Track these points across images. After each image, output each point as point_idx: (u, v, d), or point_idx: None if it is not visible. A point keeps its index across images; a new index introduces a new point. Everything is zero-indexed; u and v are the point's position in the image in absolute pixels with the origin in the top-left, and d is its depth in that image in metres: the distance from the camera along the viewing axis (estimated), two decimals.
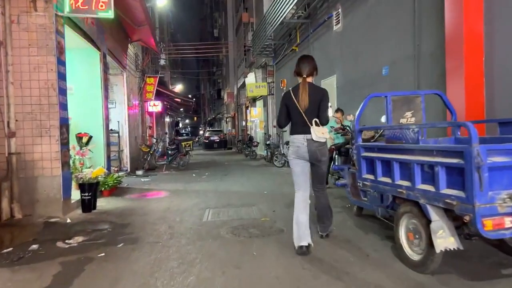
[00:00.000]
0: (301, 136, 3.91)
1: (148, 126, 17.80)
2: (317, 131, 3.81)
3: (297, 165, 3.98)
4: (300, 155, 3.93)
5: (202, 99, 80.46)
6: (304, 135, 3.89)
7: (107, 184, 7.80)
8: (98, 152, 8.87)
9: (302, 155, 3.92)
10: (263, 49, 15.22)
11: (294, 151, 3.97)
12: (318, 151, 3.88)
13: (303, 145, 3.88)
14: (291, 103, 3.94)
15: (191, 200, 7.10)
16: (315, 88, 4.04)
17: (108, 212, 6.26)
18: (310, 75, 4.04)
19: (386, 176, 3.47)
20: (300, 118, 3.88)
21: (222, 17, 37.10)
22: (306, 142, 3.87)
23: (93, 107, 8.87)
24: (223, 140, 29.95)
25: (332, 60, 9.60)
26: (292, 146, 3.99)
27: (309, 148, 3.86)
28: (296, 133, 3.97)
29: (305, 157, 3.92)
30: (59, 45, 5.95)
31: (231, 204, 6.54)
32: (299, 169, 3.98)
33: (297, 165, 3.98)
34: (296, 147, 3.93)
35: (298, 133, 3.94)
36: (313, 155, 3.89)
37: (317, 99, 3.92)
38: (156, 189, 8.78)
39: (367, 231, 4.51)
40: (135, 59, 14.73)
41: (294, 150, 3.96)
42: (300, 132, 3.92)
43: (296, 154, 3.95)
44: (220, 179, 10.24)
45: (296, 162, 3.98)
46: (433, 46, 5.64)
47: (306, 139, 3.87)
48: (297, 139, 3.93)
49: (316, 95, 3.94)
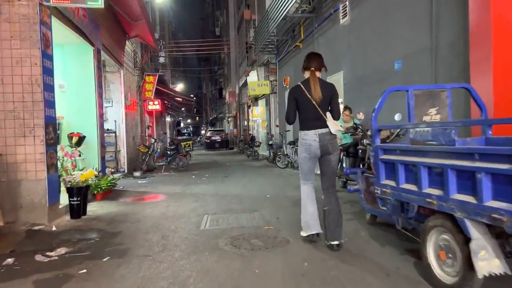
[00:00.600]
0: (312, 132, 3.80)
1: (148, 125, 17.33)
2: (333, 123, 3.77)
3: (306, 161, 3.93)
4: (312, 153, 3.85)
5: (204, 99, 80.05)
6: (315, 130, 3.78)
7: (100, 187, 7.33)
8: (92, 153, 8.42)
9: (314, 152, 3.84)
10: (265, 46, 14.73)
11: (306, 149, 3.86)
12: (330, 144, 3.81)
13: (315, 142, 3.78)
14: (302, 97, 3.82)
15: (189, 204, 6.61)
16: (325, 83, 4.02)
17: (99, 218, 5.79)
18: (319, 69, 4.00)
19: (410, 183, 2.97)
20: (312, 111, 3.77)
21: (224, 15, 36.62)
22: (318, 137, 3.78)
23: (86, 105, 8.41)
24: (225, 140, 29.48)
25: (338, 55, 9.10)
26: (304, 143, 3.86)
27: (321, 144, 3.78)
28: (307, 128, 3.84)
29: (317, 154, 3.85)
30: (44, 37, 5.47)
31: (232, 210, 6.05)
32: (310, 164, 3.95)
33: (307, 162, 3.93)
34: (308, 145, 3.82)
35: (309, 129, 3.82)
36: (324, 149, 3.81)
37: (328, 94, 3.86)
38: (153, 192, 8.30)
39: (384, 243, 4.01)
40: (133, 56, 14.27)
41: (306, 148, 3.85)
42: (311, 127, 3.80)
43: (308, 152, 3.85)
44: (221, 181, 9.76)
45: (306, 160, 3.92)
46: (453, 36, 5.13)
47: (317, 134, 3.78)
48: (309, 135, 3.82)
49: (327, 89, 3.90)
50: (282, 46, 14.14)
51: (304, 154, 3.88)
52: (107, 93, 11.77)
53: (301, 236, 4.09)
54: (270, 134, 16.42)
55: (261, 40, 14.28)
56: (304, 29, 11.35)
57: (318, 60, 4.03)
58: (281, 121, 15.30)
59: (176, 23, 46.69)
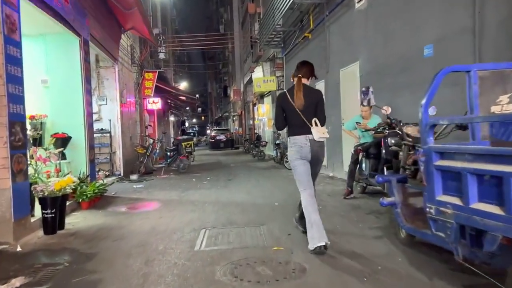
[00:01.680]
0: (302, 137, 3.88)
1: (147, 125, 16.46)
2: (318, 131, 3.83)
3: (300, 165, 3.93)
4: (303, 155, 3.89)
5: (209, 98, 79.33)
6: (305, 135, 3.87)
7: (86, 194, 6.46)
8: (79, 156, 7.57)
9: (305, 155, 3.89)
10: (270, 39, 13.78)
11: (297, 151, 3.91)
12: (320, 151, 3.95)
13: (306, 145, 3.87)
14: (288, 104, 3.92)
15: (185, 215, 5.71)
16: (311, 89, 4.11)
17: (78, 233, 4.91)
18: (306, 77, 4.07)
19: (490, 203, 2.03)
20: (298, 118, 3.87)
21: (228, 12, 35.71)
22: (309, 142, 3.86)
23: (72, 102, 7.56)
24: (230, 140, 28.61)
25: (353, 44, 8.14)
26: (294, 146, 3.92)
27: (312, 148, 3.87)
28: (296, 134, 3.93)
29: (307, 157, 3.91)
30: (8, 20, 4.58)
31: (234, 222, 5.13)
32: (303, 168, 3.93)
33: (300, 165, 3.93)
34: (299, 147, 3.89)
35: (299, 134, 3.90)
36: (315, 155, 3.91)
37: (314, 100, 3.94)
38: (147, 199, 7.41)
39: (431, 274, 3.05)
40: (130, 51, 13.40)
41: (297, 150, 3.90)
42: (300, 133, 3.90)
43: (299, 154, 3.90)
44: (224, 185, 8.84)
45: (299, 162, 3.92)
46: (504, 12, 4.17)
47: (308, 139, 3.86)
48: (299, 139, 3.89)
49: (312, 95, 3.98)
50: (289, 39, 13.18)
51: (295, 156, 3.92)
52: (101, 90, 10.93)
53: (308, 249, 3.71)
54: (277, 133, 15.46)
55: (267, 32, 13.34)
56: (313, 18, 10.39)
57: (307, 68, 4.13)
58: None
59: (180, 21, 45.90)
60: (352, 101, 8.28)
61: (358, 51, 7.92)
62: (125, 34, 12.29)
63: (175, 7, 40.45)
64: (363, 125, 6.42)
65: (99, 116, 10.93)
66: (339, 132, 8.93)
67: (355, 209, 5.60)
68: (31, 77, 7.51)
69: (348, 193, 6.41)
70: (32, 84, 7.49)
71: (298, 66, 4.16)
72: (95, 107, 10.88)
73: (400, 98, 6.22)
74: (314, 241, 3.65)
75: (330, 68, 9.49)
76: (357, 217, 5.09)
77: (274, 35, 13.49)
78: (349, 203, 6.03)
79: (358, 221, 4.86)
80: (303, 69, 4.08)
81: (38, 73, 7.50)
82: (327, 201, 6.34)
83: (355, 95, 8.03)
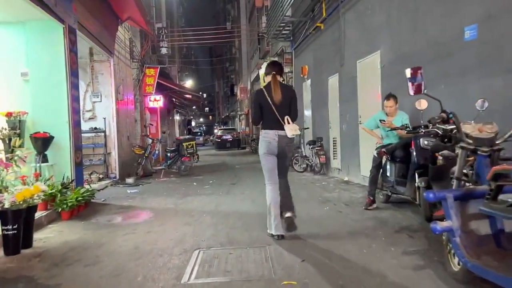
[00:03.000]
0: (273, 132, 4.14)
1: (149, 124, 15.63)
2: (290, 129, 4.09)
3: (268, 161, 4.21)
4: (270, 150, 4.18)
5: (216, 97, 78.71)
6: (275, 130, 4.13)
7: (67, 203, 5.61)
8: (63, 158, 6.72)
9: (272, 150, 4.18)
10: (279, 31, 12.84)
11: (265, 146, 4.18)
12: (287, 147, 4.22)
13: (274, 141, 4.14)
14: (264, 100, 4.16)
15: (178, 229, 4.82)
16: (286, 86, 4.41)
17: (46, 253, 4.05)
18: (280, 74, 4.34)
19: None
20: (272, 114, 4.12)
21: (235, 8, 34.89)
22: (277, 137, 4.13)
23: (56, 98, 6.71)
24: (236, 139, 27.76)
25: (373, 32, 7.18)
26: (264, 141, 4.19)
27: (279, 144, 4.15)
28: (267, 128, 4.18)
29: (274, 152, 4.19)
30: None
31: (234, 240, 4.22)
32: (271, 164, 4.21)
33: (269, 161, 4.21)
34: (268, 142, 4.16)
35: (271, 129, 4.16)
36: (282, 151, 4.20)
37: (288, 96, 4.22)
38: (139, 207, 6.54)
39: None
40: (129, 45, 12.57)
41: (266, 146, 4.17)
42: (272, 127, 4.15)
43: (267, 149, 4.18)
44: (226, 190, 7.94)
45: (267, 158, 4.21)
46: None
47: (277, 135, 4.13)
48: (270, 134, 4.16)
49: (287, 92, 4.25)
50: (299, 31, 12.24)
51: (263, 151, 4.20)
52: (95, 85, 10.12)
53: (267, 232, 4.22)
54: None
55: (275, 24, 12.40)
56: (326, 5, 9.43)
57: (279, 67, 4.43)
58: (298, 117, 13.40)
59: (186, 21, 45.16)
60: (371, 96, 7.32)
61: (379, 39, 6.96)
62: (123, 26, 11.47)
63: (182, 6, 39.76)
64: (388, 123, 5.47)
65: (93, 114, 10.12)
66: (356, 131, 7.97)
67: (381, 224, 4.65)
68: (9, 69, 6.73)
69: (370, 202, 5.47)
70: (11, 77, 6.71)
71: (270, 65, 4.43)
72: (88, 104, 10.11)
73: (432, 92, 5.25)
74: (271, 229, 4.17)
75: (345, 60, 8.53)
76: (386, 236, 4.15)
77: (283, 27, 12.55)
78: (372, 216, 5.08)
79: (388, 242, 3.91)
80: (275, 68, 4.35)
81: (17, 65, 6.68)
82: (346, 212, 5.40)
83: (375, 88, 7.08)
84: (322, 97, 10.28)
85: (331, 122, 9.70)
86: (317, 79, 10.76)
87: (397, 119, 5.56)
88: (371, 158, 5.91)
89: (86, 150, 9.92)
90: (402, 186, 5.16)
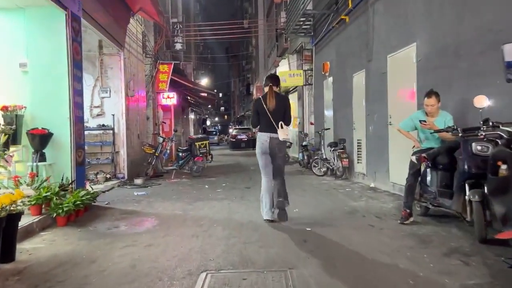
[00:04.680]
0: (266, 134, 4.94)
1: (162, 122, 15.10)
2: (282, 133, 4.86)
3: (262, 159, 5.02)
4: (263, 150, 4.97)
5: (232, 97, 78.34)
6: (268, 133, 4.92)
7: (62, 208, 5.02)
8: (64, 157, 6.18)
9: (265, 150, 4.96)
10: (299, 26, 12.11)
11: (260, 146, 4.99)
12: (277, 147, 4.93)
13: (266, 142, 4.92)
14: (261, 108, 4.96)
15: (183, 243, 4.17)
16: (280, 96, 5.17)
17: (28, 270, 3.45)
18: (275, 85, 5.07)
19: None
20: (267, 120, 4.89)
21: (253, 5, 34.29)
22: (269, 139, 4.91)
23: (56, 91, 6.15)
24: (251, 139, 27.03)
25: (408, 23, 6.41)
26: (259, 141, 5.01)
27: (270, 145, 4.92)
28: (263, 131, 4.99)
29: (266, 151, 4.96)
30: None
31: (249, 260, 3.54)
32: (264, 161, 5.02)
33: (263, 159, 5.02)
34: (261, 143, 4.96)
35: (265, 131, 4.95)
36: (272, 150, 4.94)
37: (282, 104, 4.98)
38: (144, 212, 5.93)
39: None
40: (142, 39, 12.02)
41: (260, 146, 4.98)
42: (266, 131, 4.94)
43: (261, 149, 4.98)
44: (240, 195, 7.28)
45: (261, 156, 5.02)
46: None
47: (269, 137, 4.91)
48: (263, 136, 4.96)
49: (281, 101, 5.02)
50: (321, 25, 11.49)
51: (258, 150, 5.02)
52: (104, 80, 9.60)
53: None
54: (304, 134, 13.82)
55: (294, 18, 11.70)
56: None
57: (276, 79, 5.21)
58: (317, 117, 12.68)
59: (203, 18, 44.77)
60: (404, 94, 6.56)
61: (415, 30, 6.18)
62: (135, 19, 10.93)
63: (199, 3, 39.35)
64: (430, 124, 4.71)
65: (102, 110, 9.60)
66: (385, 132, 7.21)
67: (424, 244, 3.90)
68: (6, 59, 6.21)
69: (407, 216, 4.72)
70: (8, 68, 6.19)
71: (268, 78, 5.23)
72: (97, 100, 9.60)
73: (483, 89, 4.47)
74: (262, 214, 4.99)
75: (373, 55, 7.76)
76: (433, 261, 3.40)
77: (303, 21, 11.82)
78: (411, 232, 4.33)
79: (439, 271, 3.17)
80: (272, 80, 5.11)
81: (16, 55, 6.15)
82: (378, 226, 4.65)
83: (409, 86, 6.31)
84: (345, 95, 9.52)
85: (355, 122, 8.94)
86: (340, 76, 10.00)
87: (439, 120, 4.79)
88: (403, 163, 5.16)
89: (93, 148, 9.43)
90: (447, 198, 4.40)
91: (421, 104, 5.81)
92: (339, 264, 3.38)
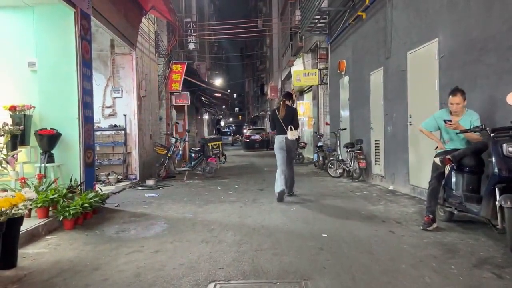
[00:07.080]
0: (282, 136, 6.71)
1: (175, 122, 14.99)
2: (291, 134, 6.62)
3: (279, 153, 6.73)
4: (281, 146, 6.70)
5: (246, 97, 78.25)
6: (283, 135, 6.68)
7: (69, 210, 4.87)
8: (72, 158, 6.05)
9: (282, 147, 6.68)
10: (314, 24, 11.81)
11: (278, 144, 6.75)
12: (291, 143, 6.74)
13: (283, 141, 6.68)
14: (276, 117, 6.83)
15: (192, 249, 3.96)
16: (290, 107, 6.90)
17: (28, 278, 3.28)
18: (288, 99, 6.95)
19: None
20: (281, 125, 6.71)
21: (267, 5, 34.03)
22: (285, 139, 6.66)
23: (65, 91, 6.02)
24: (265, 140, 26.84)
25: (429, 17, 6.07)
26: (277, 141, 6.77)
27: (286, 143, 6.66)
28: (279, 134, 6.76)
29: (283, 148, 6.68)
30: None
31: (260, 269, 3.30)
32: (281, 155, 6.70)
33: (280, 154, 6.72)
34: (279, 142, 6.73)
35: (280, 134, 6.73)
36: (288, 147, 6.70)
37: (291, 114, 6.78)
38: (154, 215, 5.74)
39: None
40: (155, 39, 11.92)
41: (278, 144, 6.75)
42: (281, 133, 6.72)
43: (279, 146, 6.72)
44: (253, 198, 7.04)
45: (279, 152, 6.73)
46: None
47: (284, 138, 6.66)
48: (280, 137, 6.74)
49: (290, 111, 6.82)
50: (336, 23, 11.17)
51: (277, 146, 6.77)
52: (115, 80, 9.52)
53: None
54: (319, 134, 13.51)
55: (309, 16, 11.40)
56: None
57: (289, 95, 7.14)
58: (333, 117, 12.35)
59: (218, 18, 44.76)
60: (425, 92, 6.22)
61: (438, 25, 5.84)
62: (148, 18, 10.82)
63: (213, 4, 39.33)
64: (455, 124, 4.39)
65: (113, 110, 9.53)
66: (404, 133, 6.88)
67: (451, 254, 3.59)
68: (15, 58, 6.11)
69: (430, 222, 4.41)
70: (17, 67, 6.09)
71: (283, 95, 7.21)
72: (108, 100, 9.52)
73: None
74: (275, 189, 6.52)
75: (392, 52, 7.43)
76: (463, 273, 3.10)
77: (318, 19, 11.52)
78: (435, 240, 4.03)
79: (470, 284, 2.87)
80: (286, 96, 7.04)
81: (24, 54, 6.06)
82: (399, 233, 4.35)
83: (431, 83, 5.97)
84: (362, 94, 9.20)
85: (372, 122, 8.61)
86: (357, 74, 9.67)
87: (464, 119, 4.47)
88: (424, 164, 4.83)
89: (105, 149, 9.35)
90: (474, 203, 4.08)
91: (443, 103, 5.50)
92: (358, 276, 3.11)
